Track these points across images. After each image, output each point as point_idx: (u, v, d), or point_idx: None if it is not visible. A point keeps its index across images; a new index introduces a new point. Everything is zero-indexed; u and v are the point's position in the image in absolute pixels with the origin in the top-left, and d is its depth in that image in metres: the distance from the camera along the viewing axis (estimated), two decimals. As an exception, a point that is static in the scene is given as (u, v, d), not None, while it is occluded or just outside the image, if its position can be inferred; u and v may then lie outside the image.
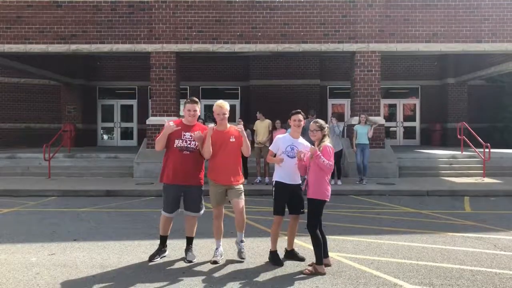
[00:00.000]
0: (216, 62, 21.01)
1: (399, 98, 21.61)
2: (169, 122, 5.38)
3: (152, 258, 5.39)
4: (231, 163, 5.39)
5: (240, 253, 5.47)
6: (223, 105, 5.44)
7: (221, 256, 5.41)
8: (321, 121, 5.23)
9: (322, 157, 4.88)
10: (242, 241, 5.53)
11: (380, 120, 13.96)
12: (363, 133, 11.94)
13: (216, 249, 5.44)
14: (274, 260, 5.24)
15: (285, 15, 13.72)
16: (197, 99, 5.57)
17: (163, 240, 5.59)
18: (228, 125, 5.55)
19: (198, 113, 5.54)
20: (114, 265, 5.22)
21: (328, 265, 5.08)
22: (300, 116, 5.31)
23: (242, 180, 5.60)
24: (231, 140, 5.38)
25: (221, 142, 5.33)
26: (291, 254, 5.47)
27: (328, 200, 5.15)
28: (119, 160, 14.58)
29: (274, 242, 5.37)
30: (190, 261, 5.31)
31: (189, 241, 5.53)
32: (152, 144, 13.81)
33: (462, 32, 13.71)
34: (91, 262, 5.35)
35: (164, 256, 5.54)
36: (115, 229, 7.18)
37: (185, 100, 5.61)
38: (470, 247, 5.99)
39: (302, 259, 5.37)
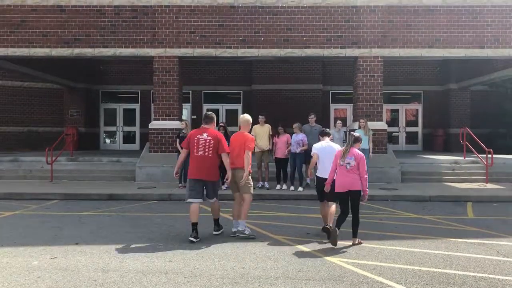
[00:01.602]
0: (218, 67, 21.07)
1: (402, 103, 21.60)
2: None
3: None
4: None
5: (248, 233, 6.83)
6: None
7: (237, 228, 6.87)
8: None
9: None
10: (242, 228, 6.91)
11: (382, 125, 13.95)
12: (364, 138, 11.92)
13: (234, 226, 6.93)
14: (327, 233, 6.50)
15: (288, 20, 13.75)
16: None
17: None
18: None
19: None
20: (116, 269, 5.21)
21: (354, 243, 6.45)
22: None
23: None
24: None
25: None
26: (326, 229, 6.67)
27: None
28: (121, 164, 14.59)
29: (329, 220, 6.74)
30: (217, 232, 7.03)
31: (216, 221, 7.13)
32: (155, 148, 13.83)
33: (464, 37, 13.71)
34: (93, 266, 5.35)
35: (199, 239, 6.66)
36: (117, 233, 7.18)
37: (209, 114, 7.04)
38: (473, 253, 5.97)
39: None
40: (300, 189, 11.51)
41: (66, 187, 11.95)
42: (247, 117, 7.20)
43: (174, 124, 13.74)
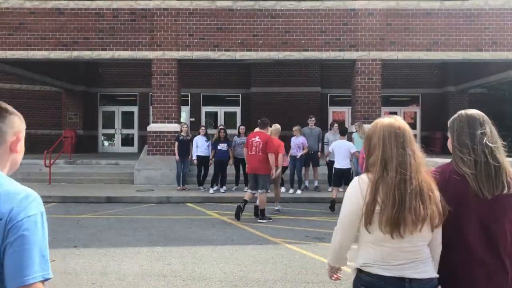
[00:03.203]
0: (217, 69, 21.06)
1: (400, 106, 21.62)
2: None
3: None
4: None
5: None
6: None
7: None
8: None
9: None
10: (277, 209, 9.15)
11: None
12: (360, 141, 11.91)
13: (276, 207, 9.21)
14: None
15: (286, 23, 13.77)
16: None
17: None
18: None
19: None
20: (114, 272, 5.20)
21: None
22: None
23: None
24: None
25: None
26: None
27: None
28: (119, 167, 14.57)
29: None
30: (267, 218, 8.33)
31: (261, 212, 8.43)
32: (153, 151, 13.83)
33: (462, 40, 13.75)
34: (91, 269, 5.34)
35: None
36: (115, 236, 7.17)
37: (263, 120, 8.86)
38: (472, 256, 5.96)
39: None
40: (299, 191, 11.51)
41: (64, 190, 11.93)
42: (278, 126, 9.21)
43: (172, 127, 13.74)
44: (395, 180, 1.92)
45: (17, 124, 1.64)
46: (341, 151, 9.32)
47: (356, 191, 2.00)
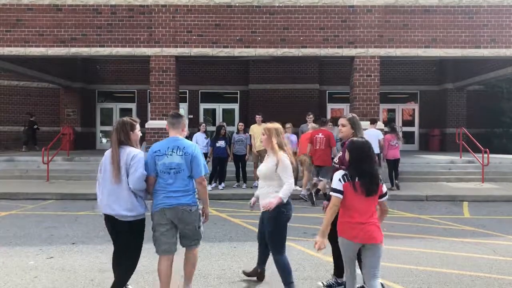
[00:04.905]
0: (215, 66, 21.05)
1: (398, 103, 21.65)
2: None
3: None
4: None
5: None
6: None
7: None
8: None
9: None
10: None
11: (378, 125, 13.95)
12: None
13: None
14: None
15: (285, 20, 13.75)
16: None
17: None
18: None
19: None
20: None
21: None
22: None
23: None
24: None
25: None
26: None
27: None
28: (118, 164, 14.52)
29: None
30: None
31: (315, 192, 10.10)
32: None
33: (461, 37, 13.75)
34: (90, 265, 5.34)
35: None
36: (113, 232, 7.16)
37: (324, 119, 10.83)
38: (469, 252, 5.99)
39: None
40: (298, 188, 11.51)
41: (62, 187, 11.92)
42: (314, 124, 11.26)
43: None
44: (286, 154, 4.34)
45: (185, 120, 4.26)
46: (372, 139, 10.16)
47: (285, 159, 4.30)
